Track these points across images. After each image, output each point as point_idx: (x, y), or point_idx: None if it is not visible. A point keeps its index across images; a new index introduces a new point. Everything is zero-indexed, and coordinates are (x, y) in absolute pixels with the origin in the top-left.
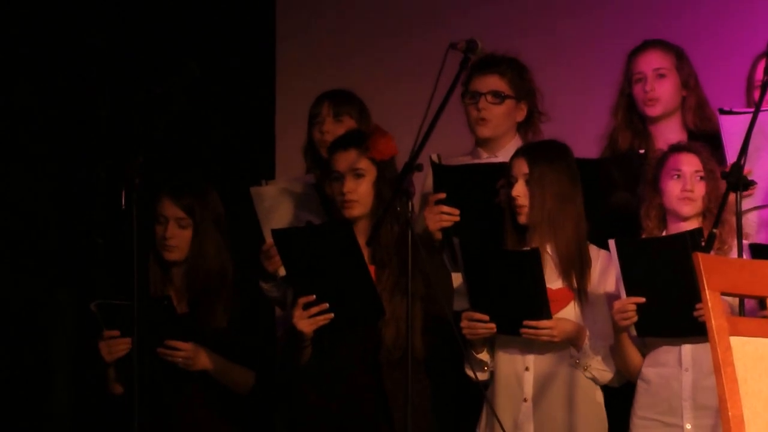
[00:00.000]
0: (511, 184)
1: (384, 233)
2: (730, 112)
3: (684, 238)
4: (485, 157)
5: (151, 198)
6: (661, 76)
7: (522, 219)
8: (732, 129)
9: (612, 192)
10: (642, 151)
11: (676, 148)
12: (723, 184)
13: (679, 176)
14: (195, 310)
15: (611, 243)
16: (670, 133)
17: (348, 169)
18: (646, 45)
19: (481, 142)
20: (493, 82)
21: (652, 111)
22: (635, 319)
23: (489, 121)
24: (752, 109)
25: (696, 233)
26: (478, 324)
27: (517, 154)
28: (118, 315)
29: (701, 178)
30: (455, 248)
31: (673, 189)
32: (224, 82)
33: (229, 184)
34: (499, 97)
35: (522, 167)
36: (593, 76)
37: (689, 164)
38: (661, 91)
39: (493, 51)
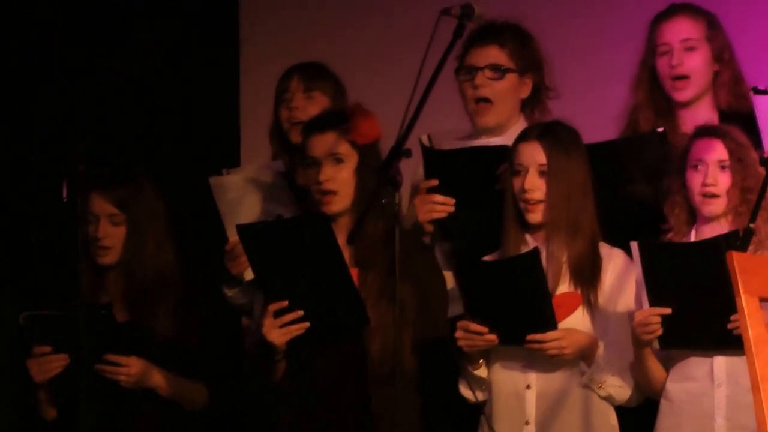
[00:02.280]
0: (517, 173)
1: (368, 230)
2: (766, 92)
3: (718, 244)
4: (484, 139)
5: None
6: (690, 48)
7: (535, 217)
8: None
9: (625, 182)
10: (661, 130)
11: (698, 133)
12: (757, 173)
13: (699, 166)
14: (135, 318)
15: (633, 246)
16: (699, 113)
17: (325, 154)
18: (673, 11)
19: (482, 131)
20: (492, 54)
21: (681, 95)
22: (659, 332)
23: (490, 104)
24: None
25: (732, 237)
26: (476, 336)
27: (527, 137)
28: (50, 328)
29: (725, 167)
30: (446, 255)
31: (694, 182)
32: (181, 56)
33: (186, 173)
34: (499, 71)
35: (536, 155)
36: (610, 45)
37: (711, 152)
38: (691, 66)
39: (493, 18)
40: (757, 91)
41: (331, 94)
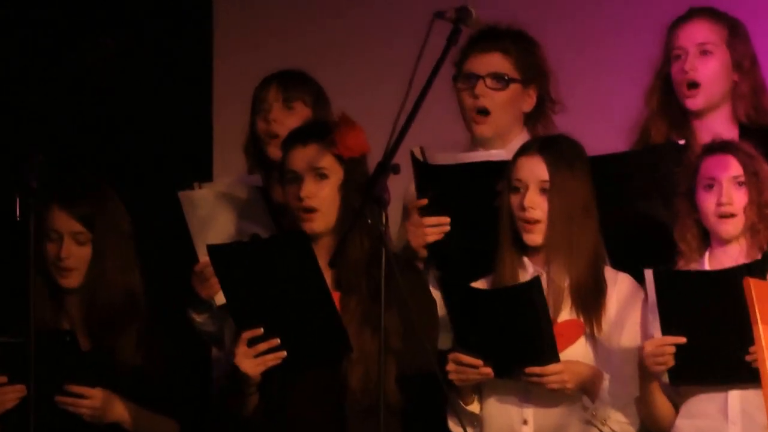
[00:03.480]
0: (516, 190)
1: (351, 251)
2: None
3: (740, 274)
4: (484, 152)
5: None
6: (706, 53)
7: (534, 239)
8: None
9: (637, 198)
10: (682, 142)
11: (708, 150)
12: None
13: (712, 186)
14: (99, 346)
15: (648, 273)
16: (715, 125)
17: (307, 168)
18: (691, 14)
19: (480, 142)
20: (494, 62)
21: (693, 104)
22: (671, 363)
23: (489, 115)
24: None
25: (755, 267)
26: (470, 369)
27: (527, 150)
28: (5, 356)
29: (741, 183)
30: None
31: (707, 203)
32: (150, 61)
33: (154, 188)
34: (501, 80)
35: (537, 170)
36: (622, 53)
37: (724, 169)
38: (704, 72)
39: (493, 23)
40: None
41: (313, 104)
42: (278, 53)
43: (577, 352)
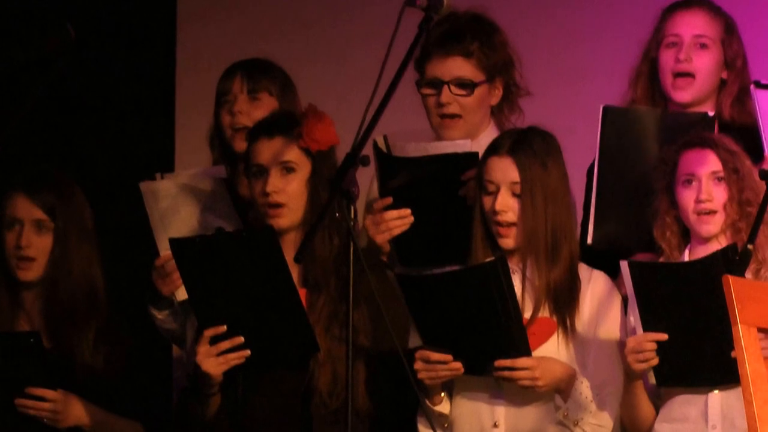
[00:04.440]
0: (487, 191)
1: (319, 247)
2: None
3: (716, 262)
4: (451, 143)
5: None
6: (703, 46)
7: (507, 243)
8: None
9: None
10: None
11: (686, 144)
12: (754, 184)
13: (691, 182)
14: (59, 345)
15: (623, 265)
16: None
17: (273, 161)
18: (690, 3)
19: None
20: (456, 67)
21: (681, 95)
22: (654, 361)
23: (459, 119)
24: None
25: (730, 251)
26: (439, 366)
27: (498, 151)
28: None
29: (720, 179)
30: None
31: (687, 199)
32: (110, 49)
33: (114, 179)
34: (467, 87)
35: (508, 172)
36: (598, 32)
37: (703, 164)
38: (699, 65)
39: (454, 11)
40: (758, 85)
41: (280, 95)
42: (242, 43)
43: (549, 351)
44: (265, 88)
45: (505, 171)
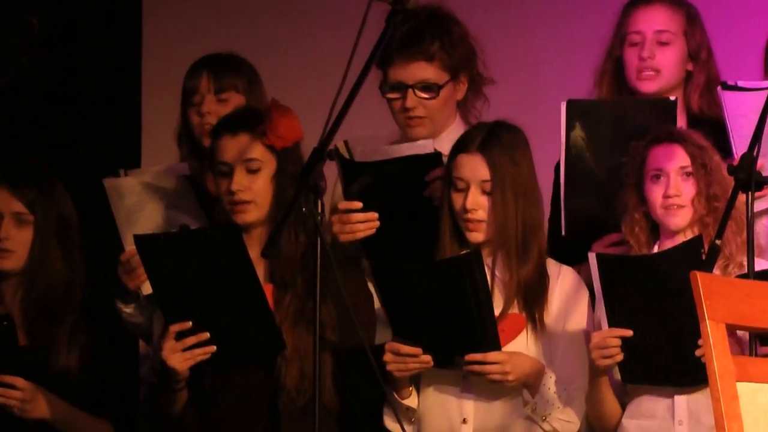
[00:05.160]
0: (457, 189)
1: (285, 243)
2: (736, 88)
3: (682, 252)
4: (412, 145)
5: None
6: (664, 43)
7: (477, 237)
8: (739, 110)
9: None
10: (674, 98)
11: (655, 139)
12: (723, 180)
13: (660, 177)
14: (34, 338)
15: (591, 257)
16: None
17: (238, 159)
18: None
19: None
20: (420, 71)
21: (647, 86)
22: (619, 357)
23: (425, 119)
24: (766, 84)
25: (695, 243)
26: (408, 358)
27: (467, 148)
28: None
29: (688, 174)
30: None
31: (655, 194)
32: (76, 43)
33: (78, 175)
34: (431, 90)
35: (478, 169)
36: (563, 18)
37: (671, 159)
38: (663, 62)
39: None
40: (725, 87)
41: (246, 91)
42: (209, 36)
43: (519, 346)
44: (232, 87)
45: (474, 168)
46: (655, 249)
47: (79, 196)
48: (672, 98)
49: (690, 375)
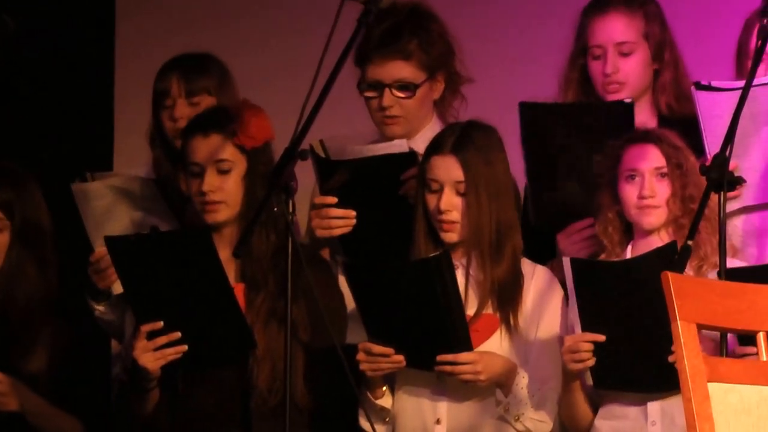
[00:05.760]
0: (431, 190)
1: (257, 243)
2: (710, 88)
3: (656, 257)
4: (387, 145)
5: None
6: (626, 54)
7: (451, 237)
8: (712, 110)
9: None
10: (630, 100)
11: (630, 140)
12: (698, 180)
13: (634, 177)
14: (8, 351)
15: (565, 261)
16: (637, 117)
17: (209, 160)
18: (605, 7)
19: (390, 138)
20: (397, 70)
21: (614, 97)
22: (590, 363)
23: (401, 118)
24: (740, 83)
25: (670, 249)
26: (381, 358)
27: (440, 148)
28: None
29: (663, 175)
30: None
31: (629, 195)
32: (48, 41)
33: (50, 177)
34: (408, 89)
35: (452, 170)
36: (539, 18)
37: (647, 159)
38: (627, 72)
39: (389, 6)
40: (699, 87)
41: (217, 91)
42: (182, 37)
43: (492, 346)
44: (204, 89)
45: (448, 170)
46: (629, 249)
47: (52, 197)
48: (628, 100)
49: (662, 382)
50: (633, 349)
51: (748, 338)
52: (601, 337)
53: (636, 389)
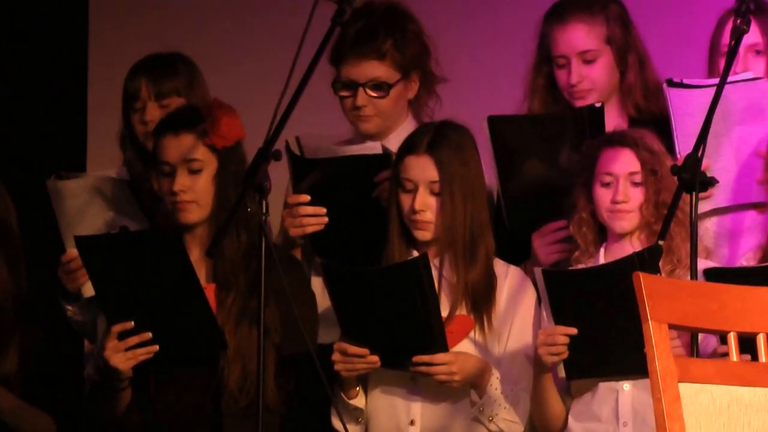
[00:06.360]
0: (405, 189)
1: (227, 243)
2: (682, 85)
3: (631, 264)
4: (362, 145)
5: None
6: (589, 61)
7: (424, 235)
8: (684, 108)
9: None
10: (599, 105)
11: (607, 142)
12: (672, 185)
13: (609, 180)
14: None
15: (537, 272)
16: (607, 120)
17: (180, 160)
18: (564, 15)
19: (364, 136)
20: (371, 69)
21: (582, 103)
22: (565, 354)
23: (375, 117)
24: (713, 81)
25: (646, 254)
26: (356, 359)
27: (415, 150)
28: None
29: (637, 182)
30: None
31: (603, 198)
32: (22, 42)
33: (21, 178)
34: (382, 89)
35: (426, 171)
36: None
37: (622, 164)
38: (593, 80)
39: (364, 4)
40: (671, 84)
41: (186, 91)
42: (156, 37)
43: (466, 348)
44: (173, 91)
45: (423, 169)
46: (602, 251)
47: (24, 199)
48: (597, 104)
49: (634, 365)
50: (606, 342)
51: None
52: (573, 330)
53: (609, 374)
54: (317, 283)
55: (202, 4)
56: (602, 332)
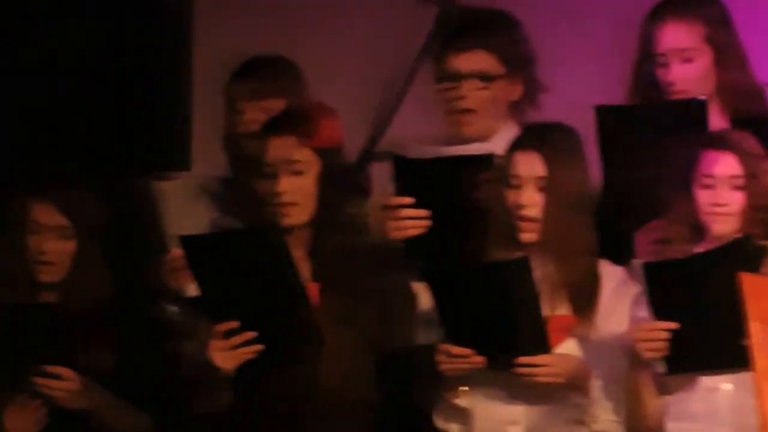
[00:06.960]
0: (512, 186)
1: (330, 242)
2: None
3: (729, 250)
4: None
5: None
6: (687, 60)
7: (530, 237)
8: None
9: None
10: (702, 98)
11: (709, 143)
12: None
13: (709, 182)
14: (75, 350)
15: (639, 265)
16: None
17: (283, 161)
18: (664, 13)
19: (464, 140)
20: (477, 60)
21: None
22: (665, 350)
23: (475, 115)
24: None
25: (744, 241)
26: (460, 359)
27: (524, 145)
28: None
29: (737, 187)
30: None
31: (702, 200)
32: (122, 40)
33: (128, 175)
34: (486, 79)
35: (534, 167)
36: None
37: (723, 167)
38: (690, 79)
39: (473, 9)
40: None
41: (288, 93)
42: (258, 34)
43: (568, 348)
44: (274, 93)
45: (531, 166)
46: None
47: (122, 196)
48: (701, 98)
49: (735, 360)
50: (706, 335)
51: None
52: (675, 325)
53: (711, 368)
54: (416, 286)
55: (305, 7)
56: (705, 324)
